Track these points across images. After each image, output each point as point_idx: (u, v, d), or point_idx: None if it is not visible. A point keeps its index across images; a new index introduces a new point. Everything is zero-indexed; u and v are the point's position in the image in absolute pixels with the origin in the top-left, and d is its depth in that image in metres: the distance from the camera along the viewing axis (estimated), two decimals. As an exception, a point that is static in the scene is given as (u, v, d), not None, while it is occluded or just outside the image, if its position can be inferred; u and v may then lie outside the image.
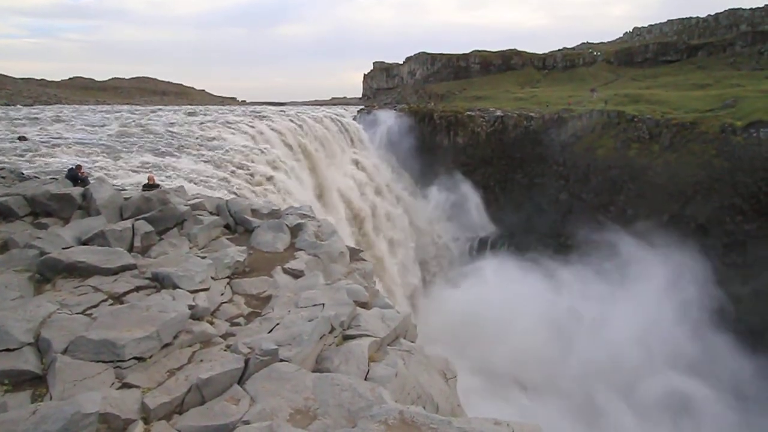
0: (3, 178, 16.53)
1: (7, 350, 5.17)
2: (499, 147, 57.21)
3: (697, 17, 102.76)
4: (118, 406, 4.53)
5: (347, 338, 6.73)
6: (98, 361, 5.23)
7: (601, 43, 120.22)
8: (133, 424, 4.44)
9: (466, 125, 58.63)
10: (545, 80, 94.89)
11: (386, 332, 6.97)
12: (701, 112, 48.78)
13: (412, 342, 7.54)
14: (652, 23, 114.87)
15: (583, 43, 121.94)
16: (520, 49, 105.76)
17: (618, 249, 40.54)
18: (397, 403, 4.99)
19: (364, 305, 8.16)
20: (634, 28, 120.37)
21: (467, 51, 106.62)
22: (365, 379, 5.71)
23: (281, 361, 5.58)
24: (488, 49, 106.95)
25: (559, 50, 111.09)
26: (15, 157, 21.64)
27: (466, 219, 53.15)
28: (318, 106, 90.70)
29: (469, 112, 60.17)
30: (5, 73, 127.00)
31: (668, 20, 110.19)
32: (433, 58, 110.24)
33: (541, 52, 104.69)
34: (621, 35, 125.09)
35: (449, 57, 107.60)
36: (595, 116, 53.04)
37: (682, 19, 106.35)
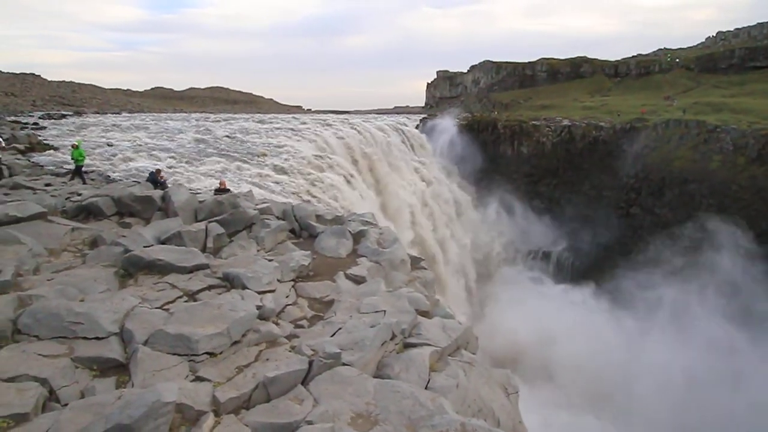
0: (93, 180, 18.04)
1: (97, 338, 5.62)
2: (566, 157, 55.28)
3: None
4: (191, 397, 4.78)
5: (408, 346, 6.72)
6: (174, 354, 5.55)
7: (680, 49, 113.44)
8: (204, 416, 4.65)
9: (531, 135, 57.21)
10: (617, 88, 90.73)
11: (447, 342, 6.90)
12: (794, 122, 44.77)
13: (474, 354, 7.41)
14: (739, 27, 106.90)
15: (660, 49, 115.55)
16: (590, 56, 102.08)
17: None
18: (458, 415, 4.92)
19: (425, 314, 8.13)
20: (718, 33, 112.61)
21: (534, 59, 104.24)
22: (425, 389, 5.67)
23: (344, 365, 5.67)
24: (556, 57, 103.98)
25: (632, 57, 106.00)
26: (103, 161, 23.52)
27: (529, 231, 51.71)
28: (381, 115, 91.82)
29: (534, 122, 58.72)
30: (97, 84, 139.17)
31: (757, 23, 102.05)
32: (498, 66, 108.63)
33: (613, 59, 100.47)
34: (703, 40, 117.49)
35: (515, 65, 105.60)
36: (672, 126, 50.01)
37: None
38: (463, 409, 5.64)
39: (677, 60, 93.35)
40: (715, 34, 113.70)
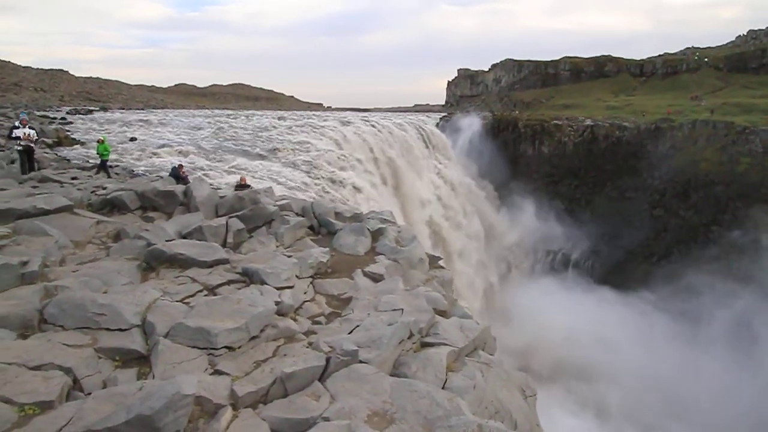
0: (117, 174, 18.40)
1: (120, 330, 5.72)
2: (588, 158, 54.47)
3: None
4: (210, 390, 4.83)
5: (425, 345, 6.69)
6: (194, 347, 5.61)
7: (709, 48, 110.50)
8: (222, 409, 4.69)
9: (552, 134, 56.53)
10: (642, 88, 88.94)
11: (465, 342, 6.85)
12: (829, 124, 43.33)
13: (491, 355, 7.35)
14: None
15: (688, 48, 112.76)
16: (615, 55, 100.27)
17: None
18: (475, 416, 4.88)
19: (443, 313, 8.09)
20: (749, 31, 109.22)
21: (557, 57, 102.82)
22: (442, 389, 5.64)
23: (361, 362, 5.66)
24: (579, 55, 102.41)
25: (659, 56, 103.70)
26: (127, 156, 23.97)
27: (549, 232, 51.06)
28: (401, 113, 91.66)
29: (556, 121, 57.97)
30: (122, 80, 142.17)
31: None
32: (519, 64, 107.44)
33: (638, 58, 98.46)
34: (733, 39, 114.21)
35: (537, 64, 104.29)
36: (699, 127, 48.87)
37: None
38: (480, 411, 5.60)
39: (705, 59, 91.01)
40: (746, 33, 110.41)
